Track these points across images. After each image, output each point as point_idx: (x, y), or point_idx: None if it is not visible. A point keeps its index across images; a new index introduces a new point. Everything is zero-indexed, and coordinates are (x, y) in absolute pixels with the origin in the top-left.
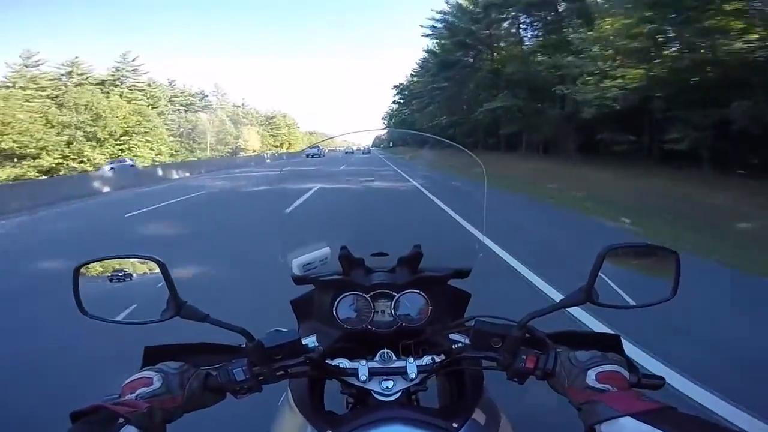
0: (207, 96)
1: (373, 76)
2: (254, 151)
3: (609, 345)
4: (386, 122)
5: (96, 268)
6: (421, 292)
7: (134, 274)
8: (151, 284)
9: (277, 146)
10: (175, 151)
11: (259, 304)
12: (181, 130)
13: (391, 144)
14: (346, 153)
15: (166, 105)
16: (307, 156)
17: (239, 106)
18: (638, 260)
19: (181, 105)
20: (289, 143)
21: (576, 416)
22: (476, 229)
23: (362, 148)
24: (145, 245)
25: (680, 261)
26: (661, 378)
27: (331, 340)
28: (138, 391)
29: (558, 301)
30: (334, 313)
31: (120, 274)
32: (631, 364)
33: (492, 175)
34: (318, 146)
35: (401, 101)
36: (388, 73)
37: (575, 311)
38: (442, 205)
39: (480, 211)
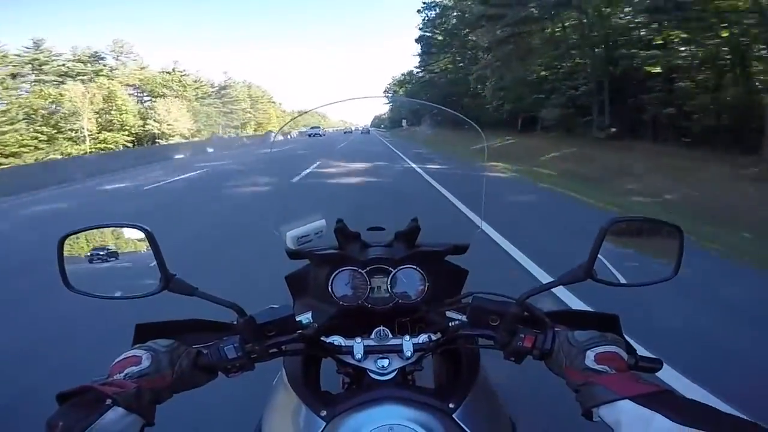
0: (103, 59)
1: (372, 46)
2: (184, 138)
3: (607, 325)
4: (392, 92)
5: (81, 242)
6: (417, 268)
7: (119, 253)
8: (140, 262)
9: (236, 128)
10: (21, 145)
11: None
12: (25, 110)
13: (404, 123)
14: (345, 133)
15: (28, 74)
16: (310, 136)
17: (169, 72)
18: (638, 236)
19: (66, 75)
20: (258, 123)
21: (573, 397)
22: None
23: (360, 128)
24: None
25: (683, 237)
26: (659, 361)
27: (326, 317)
28: (126, 371)
29: (557, 278)
30: (330, 290)
31: (101, 252)
32: (629, 346)
33: None
34: (319, 127)
35: (430, 51)
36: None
37: (560, 292)
38: None
39: None
